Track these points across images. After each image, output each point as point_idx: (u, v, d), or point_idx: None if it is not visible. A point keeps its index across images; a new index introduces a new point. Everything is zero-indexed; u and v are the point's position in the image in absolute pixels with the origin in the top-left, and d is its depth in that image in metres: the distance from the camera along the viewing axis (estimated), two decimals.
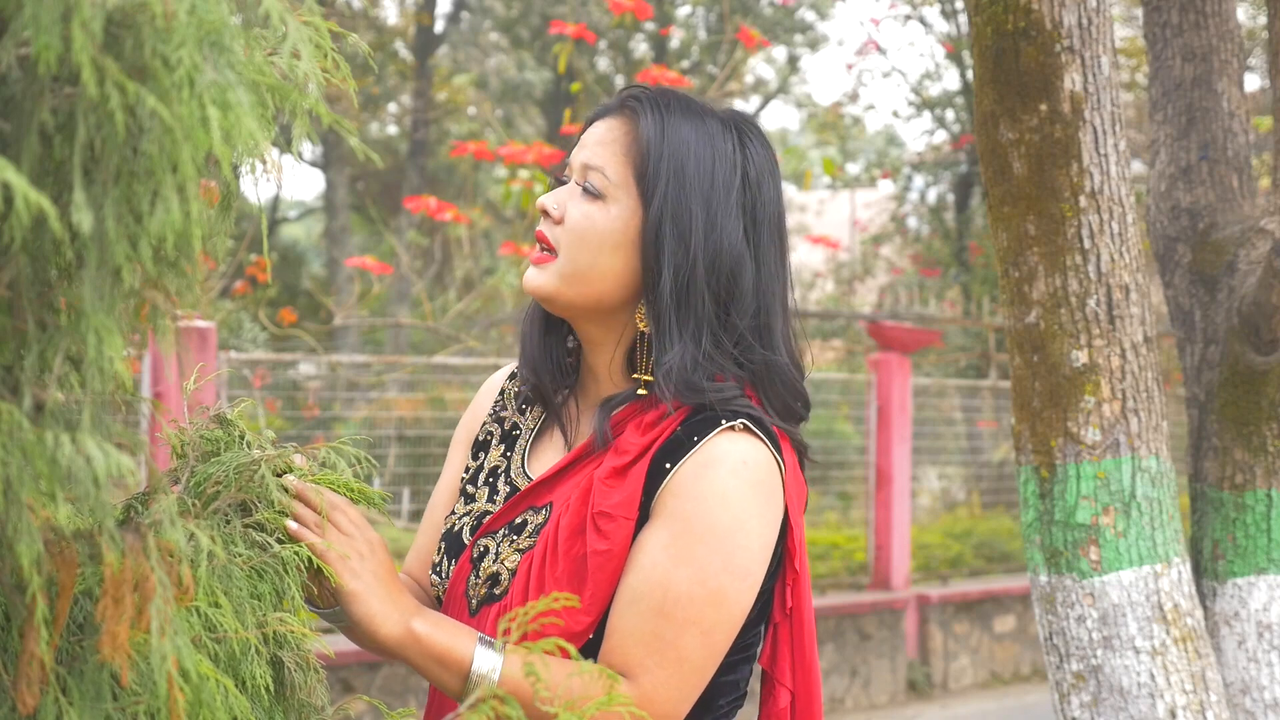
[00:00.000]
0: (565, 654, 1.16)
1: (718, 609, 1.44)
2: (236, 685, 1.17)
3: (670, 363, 1.48)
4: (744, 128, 1.57)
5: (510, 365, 1.77)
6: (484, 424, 1.73)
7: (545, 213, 1.57)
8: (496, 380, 1.77)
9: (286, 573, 1.32)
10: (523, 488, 1.60)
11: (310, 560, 1.35)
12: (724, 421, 1.47)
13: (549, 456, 1.63)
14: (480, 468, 1.68)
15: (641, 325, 1.54)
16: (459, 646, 1.40)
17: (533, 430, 1.67)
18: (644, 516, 1.47)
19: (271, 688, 1.25)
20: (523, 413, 1.70)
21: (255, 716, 1.20)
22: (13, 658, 1.00)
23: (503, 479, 1.64)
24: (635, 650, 1.43)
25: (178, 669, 0.99)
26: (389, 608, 1.40)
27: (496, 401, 1.74)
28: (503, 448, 1.68)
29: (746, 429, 1.47)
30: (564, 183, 1.59)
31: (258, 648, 1.23)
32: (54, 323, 0.94)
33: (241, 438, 1.41)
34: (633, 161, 1.53)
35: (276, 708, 1.30)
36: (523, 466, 1.64)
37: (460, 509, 1.66)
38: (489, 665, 1.39)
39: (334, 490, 1.45)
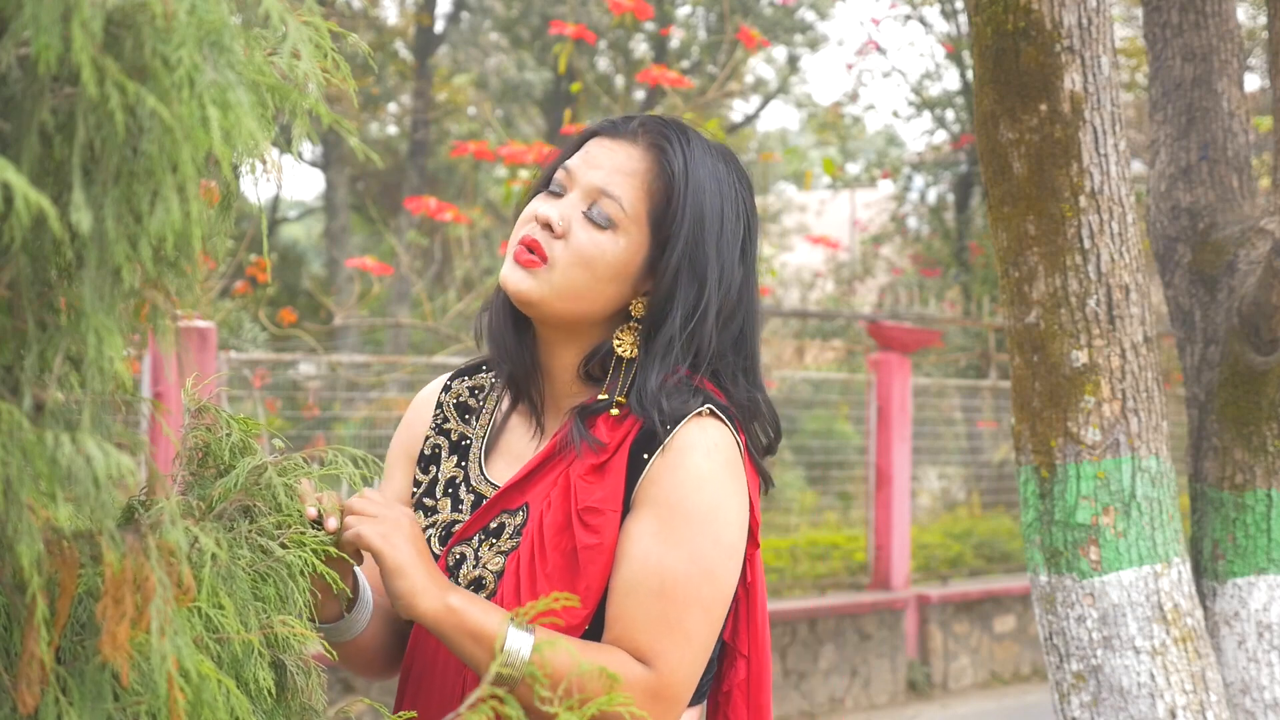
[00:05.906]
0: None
1: (714, 585, 1.49)
2: (238, 687, 1.17)
3: (650, 389, 1.52)
4: (739, 166, 1.61)
5: (441, 379, 1.76)
6: (426, 438, 1.71)
7: (548, 225, 1.55)
8: (429, 394, 1.75)
9: (290, 577, 1.32)
10: (488, 494, 1.61)
11: (315, 567, 1.35)
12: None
13: (507, 462, 1.64)
14: (434, 480, 1.67)
15: (623, 351, 1.56)
16: (491, 623, 1.42)
17: (483, 439, 1.67)
18: (628, 508, 1.50)
19: (274, 691, 1.25)
20: (467, 422, 1.69)
21: (256, 719, 1.20)
22: (13, 658, 1.00)
23: (464, 488, 1.64)
24: (643, 636, 1.46)
25: (178, 669, 0.99)
26: (429, 582, 1.43)
27: (436, 414, 1.72)
28: (455, 458, 1.67)
29: (712, 414, 1.52)
30: (554, 192, 1.58)
31: (260, 650, 1.23)
32: (54, 323, 0.93)
33: (244, 445, 1.41)
34: (652, 198, 1.54)
35: (278, 710, 1.30)
36: (482, 473, 1.64)
37: (421, 522, 1.64)
38: (520, 643, 1.40)
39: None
